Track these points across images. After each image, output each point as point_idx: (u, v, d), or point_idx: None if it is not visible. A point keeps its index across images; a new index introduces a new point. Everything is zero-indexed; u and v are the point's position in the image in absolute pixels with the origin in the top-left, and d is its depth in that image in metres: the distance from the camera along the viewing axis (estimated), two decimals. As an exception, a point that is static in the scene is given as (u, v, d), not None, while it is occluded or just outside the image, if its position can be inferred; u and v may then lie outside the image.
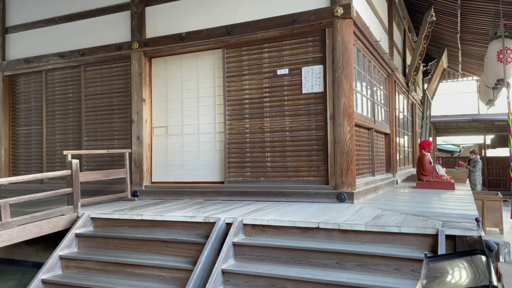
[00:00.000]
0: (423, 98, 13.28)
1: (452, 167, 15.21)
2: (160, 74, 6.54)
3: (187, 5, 6.23)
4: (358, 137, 6.08)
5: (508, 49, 8.16)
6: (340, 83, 5.25)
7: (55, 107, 7.34)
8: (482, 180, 13.55)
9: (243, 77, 5.90)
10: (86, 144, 6.98)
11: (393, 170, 8.13)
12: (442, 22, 9.91)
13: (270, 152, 5.72)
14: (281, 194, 5.45)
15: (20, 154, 7.70)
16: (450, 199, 5.69)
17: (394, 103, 8.50)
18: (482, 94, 13.89)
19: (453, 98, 19.67)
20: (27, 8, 7.64)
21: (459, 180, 8.29)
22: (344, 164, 5.20)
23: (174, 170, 6.37)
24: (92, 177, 5.48)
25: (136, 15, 6.52)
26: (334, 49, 5.29)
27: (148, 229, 4.49)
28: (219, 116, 6.08)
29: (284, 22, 5.52)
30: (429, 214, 4.14)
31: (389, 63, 7.87)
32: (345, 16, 5.23)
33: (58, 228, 4.59)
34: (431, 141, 8.14)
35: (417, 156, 8.15)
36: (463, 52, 12.31)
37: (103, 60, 6.81)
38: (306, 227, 3.81)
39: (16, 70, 7.62)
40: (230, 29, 5.81)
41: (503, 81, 8.14)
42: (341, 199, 5.12)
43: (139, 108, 6.42)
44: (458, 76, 18.26)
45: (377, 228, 3.56)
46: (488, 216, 8.36)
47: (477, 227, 3.33)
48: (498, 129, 17.96)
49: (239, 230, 4.01)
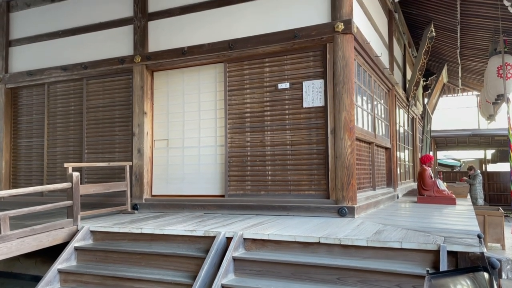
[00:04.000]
0: (423, 112, 13.32)
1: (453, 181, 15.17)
2: (161, 88, 6.57)
3: (189, 20, 6.30)
4: (359, 151, 6.08)
5: (508, 65, 8.21)
6: (341, 97, 5.27)
7: (57, 120, 7.36)
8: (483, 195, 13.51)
9: (244, 91, 5.93)
10: (87, 156, 6.98)
11: (394, 185, 8.11)
12: (442, 37, 9.99)
13: (271, 166, 5.72)
14: (281, 208, 5.43)
15: (21, 166, 7.70)
16: (451, 214, 5.66)
17: (394, 118, 8.53)
18: (483, 109, 13.92)
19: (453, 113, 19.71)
20: (31, 21, 7.72)
21: (460, 195, 8.26)
22: (345, 178, 5.19)
23: (175, 183, 6.36)
24: (93, 190, 5.47)
25: (139, 29, 6.58)
26: (335, 64, 5.32)
27: (148, 242, 4.46)
28: (220, 129, 6.09)
29: (285, 37, 5.57)
30: (431, 230, 4.12)
31: (389, 78, 7.91)
32: (346, 32, 5.28)
33: (57, 241, 4.57)
34: (431, 155, 8.15)
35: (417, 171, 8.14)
36: (463, 67, 12.39)
37: (105, 73, 6.85)
38: (307, 242, 3.79)
39: (18, 82, 7.66)
40: (231, 44, 5.86)
41: (503, 96, 8.17)
42: (342, 213, 5.10)
43: (140, 121, 6.44)
44: (458, 91, 18.32)
45: (378, 243, 3.54)
46: (489, 232, 8.31)
47: (479, 243, 3.31)
48: (498, 144, 17.95)
49: (240, 245, 3.99)
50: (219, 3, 6.09)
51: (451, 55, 11.27)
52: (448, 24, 8.92)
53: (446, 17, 8.56)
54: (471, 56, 11.21)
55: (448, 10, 8.13)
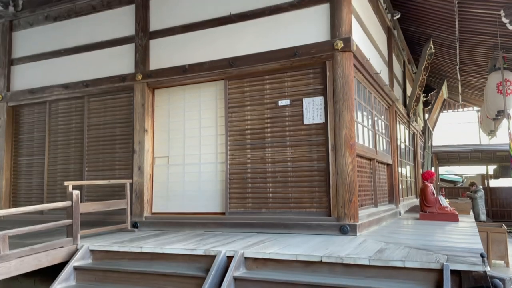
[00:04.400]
0: (424, 128, 13.32)
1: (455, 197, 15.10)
2: (162, 105, 6.59)
3: (190, 38, 6.36)
4: (360, 168, 6.06)
5: (508, 81, 8.25)
6: (341, 114, 5.28)
7: (58, 137, 7.37)
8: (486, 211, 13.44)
9: (245, 108, 5.95)
10: (87, 174, 6.97)
11: (396, 201, 8.07)
12: (441, 54, 10.06)
13: (272, 183, 5.70)
14: (283, 226, 5.39)
15: (21, 184, 7.68)
16: (454, 231, 5.61)
17: (395, 134, 8.53)
18: (483, 125, 13.93)
19: (454, 128, 19.74)
20: (33, 40, 7.80)
21: (462, 211, 8.20)
22: (346, 196, 5.16)
23: (175, 200, 6.33)
24: (93, 208, 5.45)
25: (140, 48, 6.64)
26: (334, 81, 5.35)
27: (148, 261, 4.41)
28: (220, 146, 6.09)
29: (285, 55, 5.61)
30: (434, 248, 4.07)
31: (389, 94, 7.94)
32: (345, 49, 5.32)
33: (56, 260, 4.52)
34: (433, 171, 8.11)
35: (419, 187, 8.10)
36: (462, 83, 12.44)
37: (107, 91, 6.89)
38: (309, 261, 3.74)
39: (20, 100, 7.70)
40: (232, 61, 5.90)
41: (504, 112, 8.18)
42: (343, 231, 5.05)
43: (141, 138, 6.45)
44: (458, 107, 18.38)
45: (381, 262, 3.50)
46: (493, 249, 8.22)
47: (482, 262, 3.27)
48: (500, 159, 17.92)
49: (240, 264, 3.94)
50: (220, 22, 6.15)
51: (451, 71, 11.33)
52: (447, 40, 8.99)
53: (445, 34, 8.63)
54: (471, 72, 11.26)
55: (447, 27, 8.20)
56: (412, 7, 8.16)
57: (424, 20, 8.65)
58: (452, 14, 7.39)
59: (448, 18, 7.69)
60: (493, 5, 7.04)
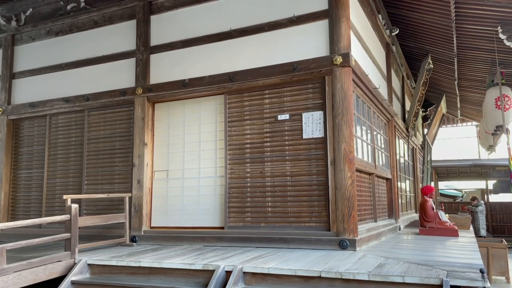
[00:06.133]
0: (423, 143, 13.35)
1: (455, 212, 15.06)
2: (162, 119, 6.62)
3: (190, 53, 6.42)
4: (359, 182, 6.06)
5: (506, 96, 8.30)
6: (340, 128, 5.30)
7: (57, 151, 7.38)
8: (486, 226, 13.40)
9: (244, 122, 5.97)
10: (86, 188, 6.96)
11: (396, 216, 8.04)
12: (440, 69, 10.14)
13: (271, 197, 5.69)
14: (282, 241, 5.36)
15: (20, 197, 7.66)
16: (454, 246, 5.59)
17: (394, 148, 8.54)
18: (482, 140, 13.97)
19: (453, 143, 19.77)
20: (35, 54, 7.86)
21: (462, 226, 8.17)
22: (345, 210, 5.15)
23: (174, 214, 6.31)
24: (91, 222, 5.43)
25: (141, 62, 6.70)
26: (333, 96, 5.38)
27: (146, 276, 4.38)
28: (220, 160, 6.09)
29: (285, 69, 5.66)
30: (433, 263, 4.05)
31: (388, 109, 7.98)
32: (344, 65, 5.37)
33: (54, 275, 4.49)
34: (433, 186, 8.11)
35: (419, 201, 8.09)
36: (461, 98, 12.51)
37: (107, 105, 6.93)
38: (308, 276, 3.72)
39: (20, 114, 7.73)
40: (232, 76, 5.95)
41: (502, 127, 8.21)
42: (343, 246, 5.03)
43: (140, 152, 6.46)
44: (457, 121, 18.44)
45: (380, 277, 3.48)
46: (493, 264, 8.17)
47: (481, 278, 3.26)
48: (500, 174, 17.91)
49: (239, 279, 3.92)
50: (220, 37, 6.22)
51: (449, 86, 11.41)
52: (445, 56, 9.07)
53: (443, 49, 8.72)
54: (469, 87, 11.34)
55: (445, 43, 8.29)
56: (410, 23, 8.26)
57: (423, 36, 8.74)
58: (450, 30, 7.48)
59: (446, 34, 7.78)
60: (490, 22, 7.13)
